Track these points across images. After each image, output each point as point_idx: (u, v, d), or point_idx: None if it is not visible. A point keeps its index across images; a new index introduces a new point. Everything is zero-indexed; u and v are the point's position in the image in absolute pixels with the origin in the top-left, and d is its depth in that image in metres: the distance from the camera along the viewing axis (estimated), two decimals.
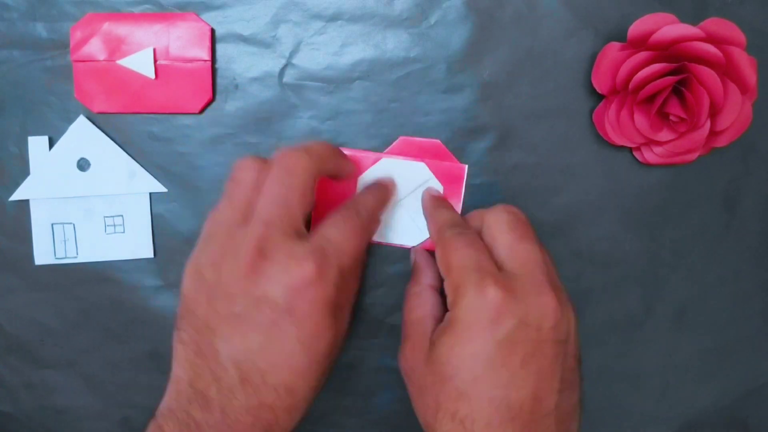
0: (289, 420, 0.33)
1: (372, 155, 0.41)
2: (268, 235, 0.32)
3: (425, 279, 0.38)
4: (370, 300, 0.42)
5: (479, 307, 0.32)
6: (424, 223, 0.41)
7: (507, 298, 0.31)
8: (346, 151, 0.41)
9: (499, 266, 0.33)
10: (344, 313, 0.35)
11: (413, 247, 0.41)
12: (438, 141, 0.41)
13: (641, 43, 0.37)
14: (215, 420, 0.31)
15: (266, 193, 0.33)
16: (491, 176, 0.41)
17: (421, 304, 0.37)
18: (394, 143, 0.41)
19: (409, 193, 0.41)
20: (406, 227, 0.41)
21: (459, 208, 0.41)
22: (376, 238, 0.41)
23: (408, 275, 0.42)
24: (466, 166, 0.41)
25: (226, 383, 0.32)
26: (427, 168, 0.41)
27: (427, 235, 0.41)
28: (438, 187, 0.41)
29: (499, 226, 0.35)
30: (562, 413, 0.32)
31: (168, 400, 0.33)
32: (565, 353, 0.32)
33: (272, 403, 0.32)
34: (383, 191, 0.39)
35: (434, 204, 0.40)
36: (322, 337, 0.32)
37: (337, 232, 0.33)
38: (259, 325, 0.32)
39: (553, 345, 0.32)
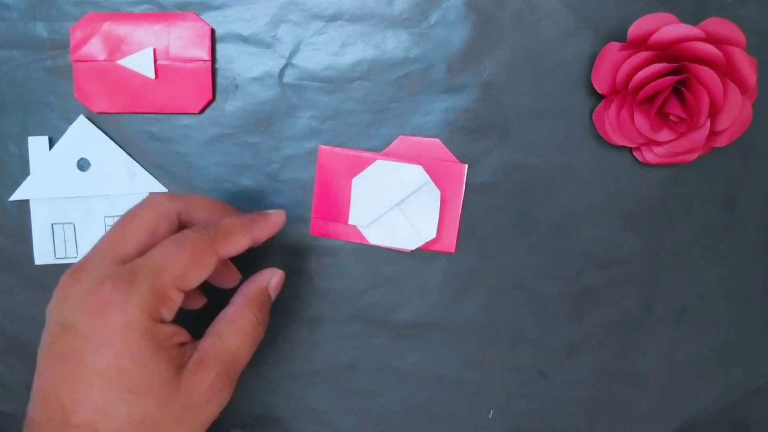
0: None
1: (368, 156, 0.41)
2: (91, 257, 0.31)
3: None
4: (370, 300, 0.42)
5: None
6: (422, 226, 0.40)
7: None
8: (344, 151, 0.41)
9: None
10: (176, 347, 0.30)
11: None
12: (437, 140, 0.41)
13: (641, 43, 0.37)
14: None
15: (115, 225, 0.32)
16: (491, 176, 0.41)
17: None
18: (393, 142, 0.41)
19: (406, 197, 0.40)
20: (404, 231, 0.41)
21: (459, 207, 0.41)
22: (373, 241, 0.41)
23: (406, 275, 0.42)
24: (466, 166, 0.41)
25: (35, 425, 0.29)
26: (423, 171, 0.40)
27: (427, 238, 0.40)
28: (435, 191, 0.40)
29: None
30: None
31: None
32: None
33: None
34: (252, 222, 0.34)
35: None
36: (128, 370, 0.29)
37: (160, 251, 0.31)
38: (63, 354, 0.29)
39: None
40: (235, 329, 0.32)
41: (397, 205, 0.40)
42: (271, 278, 0.36)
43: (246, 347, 0.32)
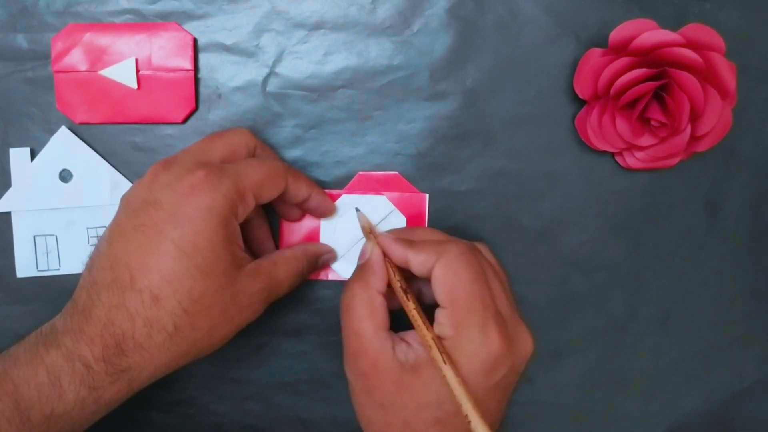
0: (146, 338, 0.31)
1: (333, 193, 0.41)
2: (180, 155, 0.35)
3: (377, 284, 0.34)
4: None
5: (481, 355, 0.31)
6: None
7: (504, 347, 0.31)
8: None
9: (452, 301, 0.32)
10: (239, 247, 0.34)
11: (374, 233, 0.36)
12: (397, 173, 0.41)
13: (622, 48, 0.37)
14: (69, 325, 0.31)
15: (203, 138, 0.36)
16: (476, 183, 0.41)
17: (374, 314, 0.33)
18: (353, 180, 0.41)
19: (374, 227, 0.41)
20: None
21: None
22: (345, 275, 0.41)
23: None
24: (427, 195, 0.41)
25: (97, 286, 0.32)
26: (388, 200, 0.41)
27: None
28: (401, 218, 0.41)
29: (458, 266, 0.32)
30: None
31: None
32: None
33: (134, 309, 0.31)
34: (316, 187, 0.39)
35: (403, 231, 0.37)
36: (202, 248, 0.32)
37: (244, 163, 0.35)
38: (142, 226, 0.32)
39: (518, 377, 0.34)
40: (288, 266, 0.37)
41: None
42: (327, 253, 0.40)
43: (287, 283, 0.36)
